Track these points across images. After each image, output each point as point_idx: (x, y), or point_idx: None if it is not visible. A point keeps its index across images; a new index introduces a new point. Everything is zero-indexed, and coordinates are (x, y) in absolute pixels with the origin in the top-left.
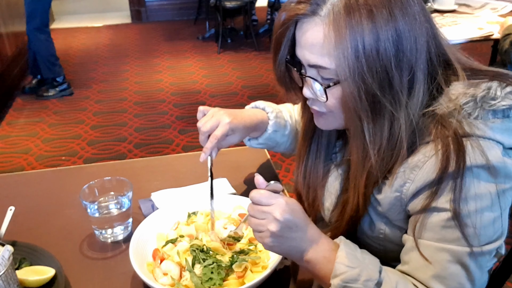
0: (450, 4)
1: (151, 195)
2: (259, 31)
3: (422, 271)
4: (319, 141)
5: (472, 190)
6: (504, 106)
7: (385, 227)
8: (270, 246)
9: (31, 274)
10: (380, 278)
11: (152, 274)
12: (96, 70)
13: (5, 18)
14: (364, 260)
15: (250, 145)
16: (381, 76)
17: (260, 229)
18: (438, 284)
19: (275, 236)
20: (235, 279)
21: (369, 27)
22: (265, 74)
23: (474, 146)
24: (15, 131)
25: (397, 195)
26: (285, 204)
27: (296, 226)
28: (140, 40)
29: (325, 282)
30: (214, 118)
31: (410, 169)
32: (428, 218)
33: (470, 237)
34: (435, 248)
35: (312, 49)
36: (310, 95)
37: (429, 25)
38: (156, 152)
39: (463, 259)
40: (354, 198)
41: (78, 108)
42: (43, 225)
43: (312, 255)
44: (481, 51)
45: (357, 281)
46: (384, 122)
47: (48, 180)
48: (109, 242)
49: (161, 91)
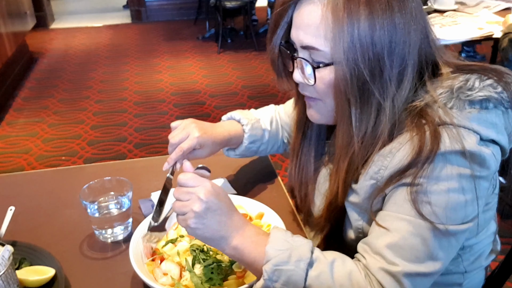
0: (450, 4)
1: (151, 195)
2: (259, 31)
3: (380, 239)
4: (310, 136)
5: (442, 171)
6: (481, 96)
7: (363, 224)
8: (193, 229)
9: (31, 274)
10: (312, 258)
11: (152, 274)
12: (96, 70)
13: (5, 17)
14: (294, 243)
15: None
16: (373, 64)
17: (184, 211)
18: (391, 252)
19: (199, 216)
20: (235, 279)
21: (366, 13)
22: (265, 74)
23: (450, 134)
24: (15, 131)
25: (373, 183)
26: (210, 186)
27: (220, 209)
28: (140, 40)
29: (255, 267)
30: (184, 131)
31: (384, 156)
32: (394, 194)
33: (427, 214)
34: (397, 217)
35: (307, 30)
36: (300, 79)
37: (424, 24)
38: (156, 152)
39: (425, 234)
40: (335, 183)
41: (78, 108)
42: (43, 225)
43: (239, 241)
44: (481, 51)
45: (288, 263)
46: (371, 110)
47: (48, 180)
48: (109, 242)
49: (161, 91)
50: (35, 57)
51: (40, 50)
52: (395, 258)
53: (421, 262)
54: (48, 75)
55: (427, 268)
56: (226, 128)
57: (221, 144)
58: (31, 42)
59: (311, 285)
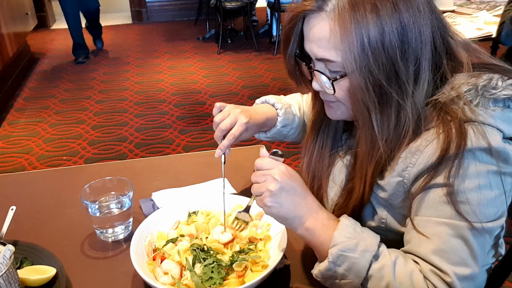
0: (449, 5)
1: (151, 195)
2: (259, 31)
3: (422, 247)
4: (326, 132)
5: (471, 169)
6: (505, 95)
7: (387, 215)
8: (269, 207)
9: (32, 273)
10: (378, 251)
11: (153, 273)
12: (97, 70)
13: (6, 18)
14: (363, 234)
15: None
16: (387, 68)
17: (260, 191)
18: (438, 258)
19: (274, 195)
20: (235, 278)
21: (373, 20)
22: (265, 74)
23: (476, 131)
24: (17, 131)
25: (400, 180)
26: (285, 168)
27: (294, 189)
28: (140, 40)
29: (322, 249)
30: (231, 116)
31: (412, 153)
32: (426, 196)
33: (466, 213)
34: (434, 222)
35: (319, 43)
36: (319, 88)
37: (435, 16)
38: (156, 152)
39: (464, 233)
40: (360, 187)
41: (79, 108)
42: (44, 225)
43: (311, 222)
44: None
45: (354, 251)
46: (391, 112)
47: (49, 180)
48: (110, 241)
49: (161, 91)
50: (36, 57)
51: (41, 50)
52: (443, 263)
53: (466, 264)
54: (49, 75)
55: (472, 269)
56: (264, 111)
57: (262, 126)
58: (32, 43)
59: (372, 276)
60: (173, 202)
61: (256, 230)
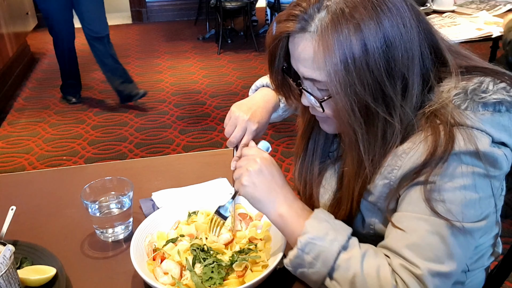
0: (449, 5)
1: (151, 195)
2: (259, 31)
3: (397, 241)
4: (316, 140)
5: (455, 170)
6: (495, 99)
7: (375, 221)
8: (245, 186)
9: (32, 273)
10: (348, 242)
11: (153, 273)
12: (97, 70)
13: (6, 18)
14: (335, 225)
15: None
16: (373, 88)
17: (240, 172)
18: (411, 252)
19: (251, 175)
20: (235, 278)
21: (357, 41)
22: (264, 75)
23: (464, 135)
24: (17, 131)
25: (386, 182)
26: (268, 157)
27: (272, 176)
28: (140, 40)
29: (293, 237)
30: (239, 127)
31: (398, 156)
32: (408, 193)
33: (447, 212)
34: (413, 218)
35: (304, 63)
36: (308, 104)
37: (423, 27)
38: (156, 152)
39: (442, 231)
40: (348, 204)
41: (79, 108)
42: (44, 225)
43: (285, 210)
44: (480, 51)
45: (323, 240)
46: (378, 130)
47: (49, 180)
48: (110, 241)
49: (161, 91)
50: (36, 57)
51: (41, 50)
52: (416, 258)
53: (441, 261)
54: (49, 75)
55: (448, 267)
56: (267, 100)
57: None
58: (32, 43)
59: (340, 266)
60: (173, 202)
61: (256, 230)
